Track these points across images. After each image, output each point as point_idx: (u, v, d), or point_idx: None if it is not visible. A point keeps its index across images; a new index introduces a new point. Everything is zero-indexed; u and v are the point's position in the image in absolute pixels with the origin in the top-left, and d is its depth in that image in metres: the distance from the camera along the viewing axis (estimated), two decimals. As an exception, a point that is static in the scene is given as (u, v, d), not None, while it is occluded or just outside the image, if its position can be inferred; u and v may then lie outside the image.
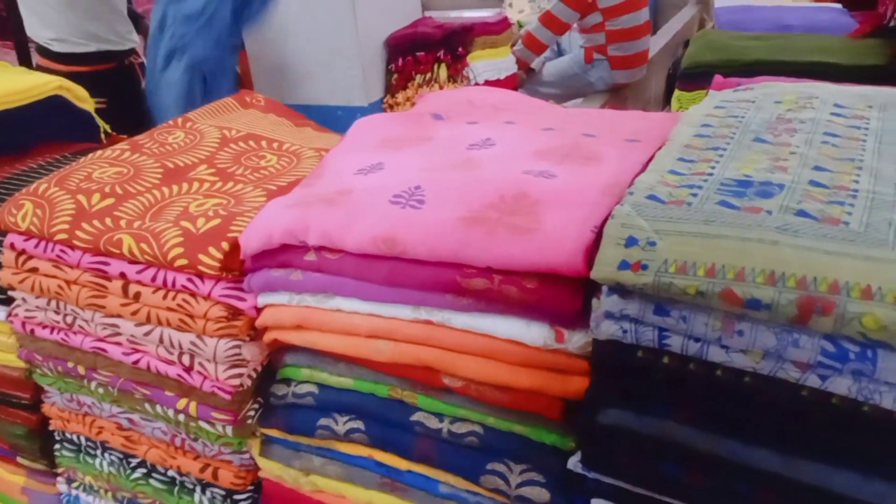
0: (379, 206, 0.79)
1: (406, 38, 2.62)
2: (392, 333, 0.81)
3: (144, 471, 1.08)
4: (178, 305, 0.89)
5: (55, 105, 1.41)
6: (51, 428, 1.14)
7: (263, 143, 1.13)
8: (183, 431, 0.99)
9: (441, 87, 2.58)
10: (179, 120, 1.19)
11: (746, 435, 0.64)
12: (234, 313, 0.89)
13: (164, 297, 0.90)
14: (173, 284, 0.89)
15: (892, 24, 1.66)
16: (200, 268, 0.86)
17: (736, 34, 1.85)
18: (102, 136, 1.53)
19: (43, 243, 0.96)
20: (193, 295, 0.89)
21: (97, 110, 1.51)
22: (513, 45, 3.05)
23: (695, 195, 0.67)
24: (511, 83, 2.78)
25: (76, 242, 0.92)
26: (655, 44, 3.41)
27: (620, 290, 0.64)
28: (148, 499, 1.10)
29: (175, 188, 1.01)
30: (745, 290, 0.58)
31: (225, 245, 0.86)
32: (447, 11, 4.58)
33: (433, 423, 0.83)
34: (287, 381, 0.92)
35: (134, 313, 0.92)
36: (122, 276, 0.92)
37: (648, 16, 3.12)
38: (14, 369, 1.10)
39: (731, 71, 1.63)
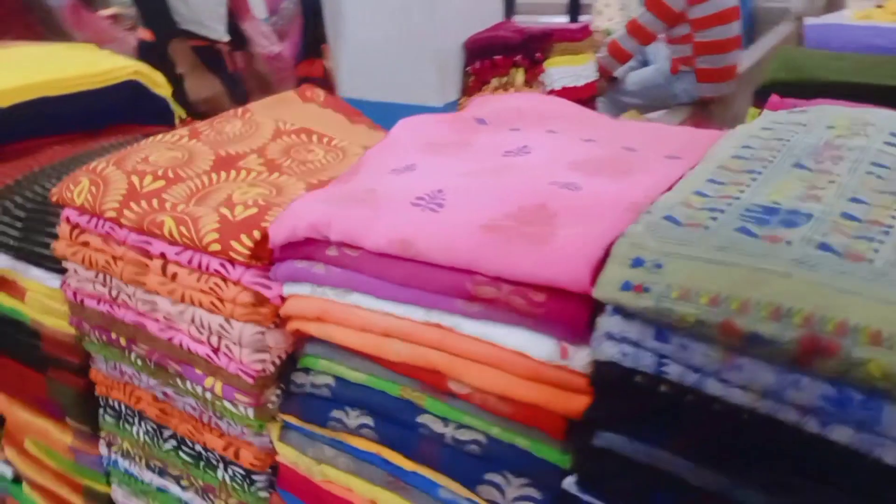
0: (400, 207, 0.80)
1: (484, 41, 2.63)
2: (404, 334, 0.81)
3: (175, 443, 1.12)
4: (210, 288, 0.92)
5: (131, 89, 1.49)
6: (96, 393, 1.21)
7: (314, 138, 1.15)
8: (210, 409, 1.03)
9: (517, 92, 2.57)
10: (239, 110, 1.23)
11: (740, 473, 0.61)
12: (261, 300, 0.91)
13: (198, 280, 0.93)
14: (207, 268, 0.92)
15: None
16: (231, 254, 0.89)
17: (819, 53, 1.76)
18: (177, 121, 1.60)
19: (94, 219, 1.01)
20: (224, 279, 0.92)
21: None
22: (597, 53, 3.01)
23: (714, 219, 0.64)
24: (589, 91, 2.74)
25: (123, 221, 0.97)
26: (747, 59, 3.29)
27: (623, 311, 0.62)
28: (177, 470, 1.15)
29: (223, 175, 1.04)
30: (747, 324, 0.56)
31: (256, 234, 0.89)
32: (536, 17, 4.55)
33: (438, 426, 0.83)
34: (306, 371, 0.94)
35: (170, 292, 0.96)
36: (163, 255, 0.96)
37: (739, 30, 3.01)
38: (66, 335, 1.17)
39: (804, 91, 1.56)
